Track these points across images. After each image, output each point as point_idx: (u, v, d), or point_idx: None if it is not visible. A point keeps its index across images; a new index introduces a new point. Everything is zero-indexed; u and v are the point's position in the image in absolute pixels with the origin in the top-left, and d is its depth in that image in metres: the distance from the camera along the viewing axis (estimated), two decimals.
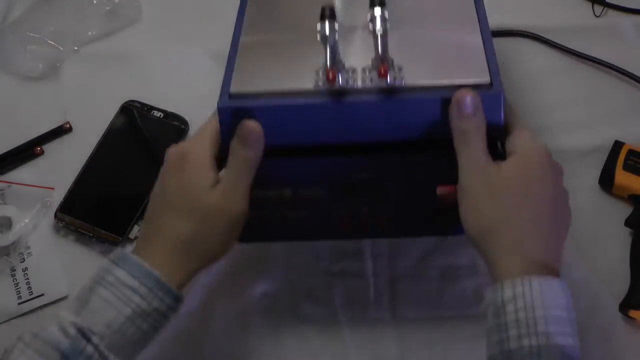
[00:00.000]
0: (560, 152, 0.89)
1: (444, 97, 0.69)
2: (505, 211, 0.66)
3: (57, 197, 0.91)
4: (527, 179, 0.67)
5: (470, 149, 0.68)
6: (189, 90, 0.97)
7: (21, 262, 0.88)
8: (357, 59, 0.71)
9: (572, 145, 0.90)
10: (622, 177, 0.86)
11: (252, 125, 0.69)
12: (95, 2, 0.98)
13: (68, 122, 0.95)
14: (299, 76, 0.71)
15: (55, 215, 0.89)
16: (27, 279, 0.87)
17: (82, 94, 0.97)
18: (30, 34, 0.96)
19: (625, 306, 0.82)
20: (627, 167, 0.86)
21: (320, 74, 0.71)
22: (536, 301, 0.62)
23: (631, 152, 0.87)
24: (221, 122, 0.71)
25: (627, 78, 0.92)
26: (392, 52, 0.68)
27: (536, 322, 0.62)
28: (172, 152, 0.72)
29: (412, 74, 0.70)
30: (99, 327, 0.65)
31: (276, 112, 0.70)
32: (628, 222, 0.85)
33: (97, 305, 0.66)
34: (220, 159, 0.72)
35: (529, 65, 0.94)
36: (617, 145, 0.87)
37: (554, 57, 0.94)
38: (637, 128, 0.90)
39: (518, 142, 0.69)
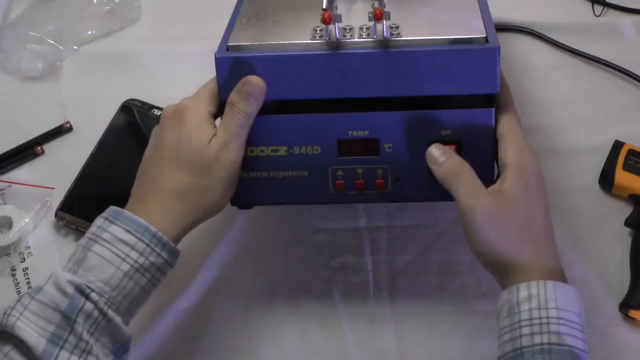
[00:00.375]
0: (560, 151, 0.90)
1: (440, 50, 0.69)
2: (516, 234, 0.68)
3: (57, 196, 0.91)
4: (529, 195, 0.69)
5: (463, 185, 0.69)
6: (189, 89, 0.96)
7: (22, 262, 0.88)
8: (356, 22, 0.73)
9: (572, 145, 0.90)
10: (622, 177, 0.86)
11: (255, 80, 0.71)
12: (95, 1, 0.98)
13: (68, 122, 0.95)
14: (296, 33, 0.73)
15: (56, 214, 0.89)
16: (28, 278, 0.87)
17: (82, 94, 0.97)
18: (30, 33, 0.96)
19: (625, 306, 0.82)
20: (627, 167, 0.86)
21: (318, 30, 0.72)
22: (550, 302, 0.64)
23: (631, 152, 0.87)
24: (218, 73, 0.72)
25: (627, 77, 0.92)
26: (391, 14, 0.69)
27: (549, 321, 0.63)
28: (169, 109, 0.74)
29: (408, 31, 0.71)
30: (97, 284, 0.66)
31: (272, 62, 0.71)
32: (628, 222, 0.85)
33: (94, 263, 0.66)
34: (216, 116, 0.73)
35: (529, 62, 0.94)
36: (617, 145, 0.87)
37: (554, 55, 0.94)
38: (637, 128, 0.90)
39: (510, 152, 0.70)
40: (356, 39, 0.71)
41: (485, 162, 0.72)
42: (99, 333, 0.66)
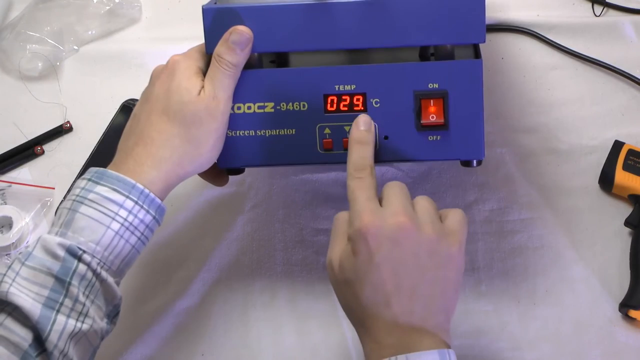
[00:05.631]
0: (560, 151, 0.90)
1: None
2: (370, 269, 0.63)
3: (57, 196, 0.91)
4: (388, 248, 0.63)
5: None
6: None
7: None
8: None
9: (572, 145, 0.90)
10: (622, 177, 0.86)
11: (242, 29, 0.71)
12: (95, 1, 0.98)
13: (68, 122, 0.95)
14: None
15: (56, 214, 0.89)
16: None
17: (82, 94, 0.97)
18: (30, 33, 0.96)
19: (625, 306, 0.82)
20: (627, 167, 0.86)
21: None
22: None
23: (631, 152, 0.87)
24: (205, 26, 0.72)
25: (626, 79, 0.92)
26: None
27: None
28: (159, 67, 0.75)
29: None
30: (88, 245, 0.65)
31: (260, 12, 0.71)
32: (628, 222, 0.85)
33: (83, 224, 0.66)
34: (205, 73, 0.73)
35: (529, 62, 0.94)
36: (617, 145, 0.87)
37: (554, 56, 0.94)
38: (637, 128, 0.90)
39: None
40: None
41: (473, 115, 0.72)
42: (94, 295, 0.66)
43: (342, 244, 0.65)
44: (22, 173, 0.93)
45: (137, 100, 0.95)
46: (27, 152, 0.94)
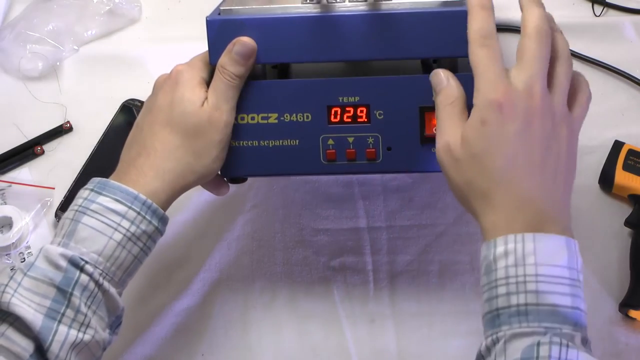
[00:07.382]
0: None
1: (430, 11, 0.69)
2: (488, 165, 0.62)
3: (57, 196, 0.91)
4: (504, 128, 0.62)
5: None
6: None
7: (22, 261, 0.88)
8: None
9: None
10: (622, 177, 0.86)
11: (246, 40, 0.71)
12: (95, 1, 0.98)
13: (68, 122, 0.95)
14: (287, 2, 0.73)
15: (56, 214, 0.89)
16: None
17: (82, 94, 0.97)
18: (30, 34, 0.96)
19: (625, 306, 0.82)
20: (627, 167, 0.86)
21: None
22: (528, 258, 0.58)
23: (631, 152, 0.87)
24: (209, 37, 0.72)
25: (626, 79, 0.92)
26: None
27: (526, 279, 0.58)
28: (162, 77, 0.74)
29: None
30: (90, 256, 0.65)
31: (263, 24, 0.71)
32: (628, 222, 0.85)
33: (85, 235, 0.66)
34: (209, 84, 0.73)
35: None
36: (617, 145, 0.87)
37: None
38: (637, 128, 0.90)
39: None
40: (347, 2, 0.72)
41: None
42: (95, 306, 0.66)
43: (459, 122, 0.64)
44: (22, 173, 0.93)
45: (137, 100, 0.95)
46: (27, 152, 0.94)
